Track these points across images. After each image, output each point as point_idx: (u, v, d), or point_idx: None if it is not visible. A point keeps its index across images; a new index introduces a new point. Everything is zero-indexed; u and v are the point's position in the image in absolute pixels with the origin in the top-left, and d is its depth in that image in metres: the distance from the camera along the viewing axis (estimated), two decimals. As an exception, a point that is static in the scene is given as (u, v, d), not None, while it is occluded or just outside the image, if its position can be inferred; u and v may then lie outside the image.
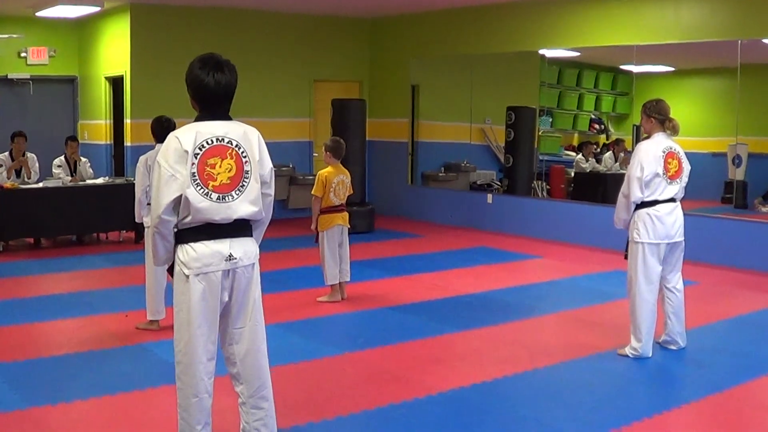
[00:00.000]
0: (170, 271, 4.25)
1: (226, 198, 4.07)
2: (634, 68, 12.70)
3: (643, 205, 6.63)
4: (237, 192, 4.11)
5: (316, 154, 15.37)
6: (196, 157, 4.01)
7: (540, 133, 14.43)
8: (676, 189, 6.69)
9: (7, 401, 5.62)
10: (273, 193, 4.37)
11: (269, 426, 4.37)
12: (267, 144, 4.32)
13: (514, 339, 7.46)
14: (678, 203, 6.75)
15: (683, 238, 6.80)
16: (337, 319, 8.22)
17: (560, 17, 13.04)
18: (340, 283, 8.76)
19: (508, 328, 7.86)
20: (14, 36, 14.81)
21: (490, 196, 14.41)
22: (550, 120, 14.79)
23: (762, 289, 9.62)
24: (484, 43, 14.28)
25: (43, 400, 5.61)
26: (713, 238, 10.86)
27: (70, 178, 12.30)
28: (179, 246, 4.13)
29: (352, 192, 9.03)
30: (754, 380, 6.33)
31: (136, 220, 7.48)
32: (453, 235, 13.82)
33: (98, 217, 12.16)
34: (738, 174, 11.78)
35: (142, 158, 7.36)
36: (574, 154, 14.70)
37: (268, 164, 4.30)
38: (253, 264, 4.26)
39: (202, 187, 4.01)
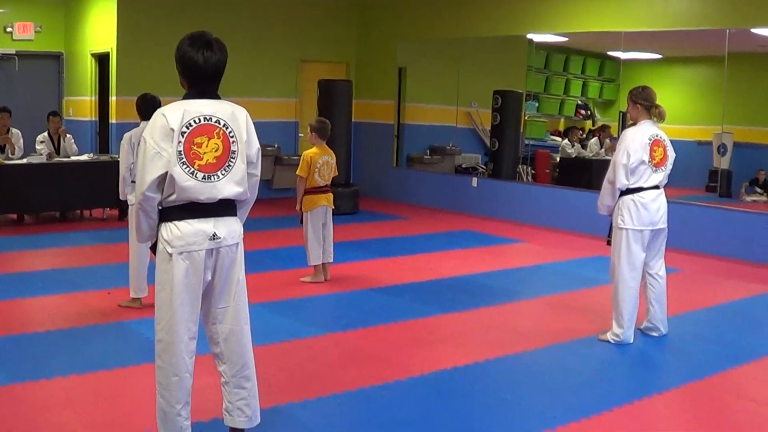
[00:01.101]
0: (153, 249, 4.24)
1: (212, 178, 4.05)
2: (622, 55, 12.70)
3: (628, 191, 6.64)
4: (223, 172, 4.09)
5: (302, 135, 15.35)
6: (182, 136, 3.98)
7: (526, 118, 14.46)
8: (660, 176, 6.71)
9: (-12, 377, 5.61)
10: (259, 173, 4.36)
11: (252, 405, 4.37)
12: (252, 123, 4.30)
13: (497, 323, 7.48)
14: (662, 190, 6.77)
15: (666, 225, 6.82)
16: (320, 300, 8.22)
17: (548, 2, 13.03)
18: (323, 263, 8.76)
19: (490, 311, 7.88)
20: (0, 11, 14.70)
21: (474, 180, 14.42)
22: (537, 105, 14.80)
23: (744, 277, 9.67)
24: (471, 27, 14.27)
25: (25, 377, 5.59)
26: (697, 226, 10.91)
27: (48, 151, 12.22)
28: (163, 224, 4.11)
29: (337, 173, 9.02)
30: (735, 368, 6.36)
31: (120, 198, 7.45)
32: (437, 217, 13.84)
33: (82, 194, 12.11)
34: (723, 163, 11.82)
35: (126, 135, 7.33)
36: (559, 139, 14.73)
37: (256, 144, 4.28)
38: (237, 243, 4.24)
39: (188, 166, 3.99)
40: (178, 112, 4.02)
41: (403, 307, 7.92)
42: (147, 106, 7.20)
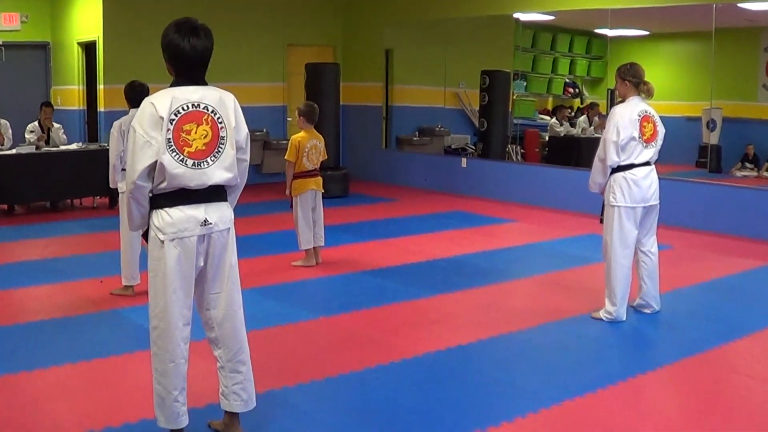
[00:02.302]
0: (145, 236, 4.23)
1: (202, 164, 4.05)
2: (609, 32, 12.69)
3: (619, 168, 6.63)
4: (212, 158, 4.08)
5: (290, 119, 15.32)
6: (171, 123, 3.97)
7: (514, 97, 14.44)
8: (651, 152, 6.70)
9: (-18, 368, 5.60)
10: (248, 158, 4.36)
11: (247, 389, 4.39)
12: (240, 109, 4.29)
13: (489, 303, 7.49)
14: (653, 167, 6.77)
15: (658, 202, 6.82)
16: (312, 284, 8.22)
17: (535, -19, 13.02)
18: (314, 247, 8.76)
19: (482, 291, 7.89)
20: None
21: (464, 160, 14.42)
22: (525, 84, 14.80)
23: (736, 253, 9.69)
24: (458, 7, 14.24)
25: (19, 367, 5.59)
26: (688, 202, 10.92)
27: (37, 137, 12.18)
28: (154, 211, 4.11)
29: (325, 157, 9.01)
30: (728, 344, 6.37)
31: (111, 186, 7.44)
32: (427, 199, 13.84)
33: (72, 183, 12.08)
34: (712, 138, 11.83)
35: (115, 123, 7.31)
36: (548, 118, 14.73)
37: (244, 130, 4.28)
38: (229, 229, 4.25)
39: (177, 154, 3.98)
40: (166, 100, 4.01)
41: (396, 289, 7.93)
42: (135, 94, 7.19)
